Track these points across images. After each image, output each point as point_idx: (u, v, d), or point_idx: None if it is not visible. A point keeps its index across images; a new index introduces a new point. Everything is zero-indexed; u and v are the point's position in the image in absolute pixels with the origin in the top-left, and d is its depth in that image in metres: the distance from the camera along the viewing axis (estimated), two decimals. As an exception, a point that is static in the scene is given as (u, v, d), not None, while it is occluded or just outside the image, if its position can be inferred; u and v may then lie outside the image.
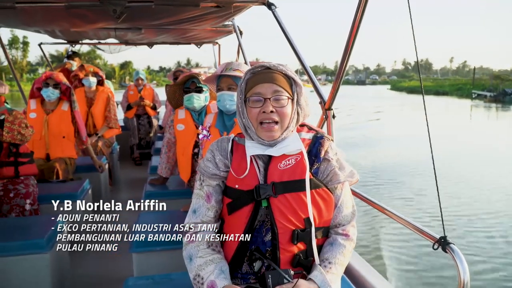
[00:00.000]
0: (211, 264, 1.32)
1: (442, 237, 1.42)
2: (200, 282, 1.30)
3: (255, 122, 1.33)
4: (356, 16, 1.98)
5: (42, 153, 3.58)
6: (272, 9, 2.97)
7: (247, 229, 1.33)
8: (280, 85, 1.32)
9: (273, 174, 1.32)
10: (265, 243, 1.34)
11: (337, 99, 2.43)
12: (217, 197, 1.40)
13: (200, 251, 1.35)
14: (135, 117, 6.22)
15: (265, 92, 1.31)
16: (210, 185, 1.41)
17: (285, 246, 1.31)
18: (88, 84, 4.85)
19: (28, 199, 2.85)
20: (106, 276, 2.76)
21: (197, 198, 1.43)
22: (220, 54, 7.03)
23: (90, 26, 4.10)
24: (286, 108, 1.32)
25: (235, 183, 1.35)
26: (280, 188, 1.31)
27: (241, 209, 1.34)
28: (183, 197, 2.88)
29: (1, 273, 2.20)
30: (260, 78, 1.33)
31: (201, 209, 1.41)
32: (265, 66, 1.35)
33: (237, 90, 1.39)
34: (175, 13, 3.43)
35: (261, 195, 1.30)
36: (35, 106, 3.67)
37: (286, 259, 1.32)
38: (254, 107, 1.32)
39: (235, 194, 1.35)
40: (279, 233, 1.30)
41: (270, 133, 1.31)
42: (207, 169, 1.40)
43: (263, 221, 1.35)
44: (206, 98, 2.96)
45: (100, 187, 3.98)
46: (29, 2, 2.81)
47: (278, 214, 1.31)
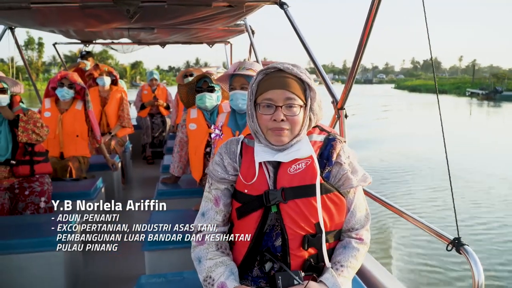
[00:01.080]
0: (221, 266, 1.31)
1: (456, 238, 1.40)
2: (211, 284, 1.30)
3: (265, 128, 1.29)
4: (369, 16, 1.97)
5: (56, 151, 3.63)
6: (284, 8, 2.96)
7: (257, 233, 1.32)
8: (293, 91, 1.27)
9: (283, 179, 1.30)
10: (275, 247, 1.32)
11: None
12: (225, 201, 1.39)
13: (209, 253, 1.35)
14: (149, 116, 6.27)
15: (277, 99, 1.26)
16: (219, 188, 1.39)
17: (295, 252, 1.29)
18: (102, 84, 4.91)
19: (43, 197, 2.89)
20: (119, 274, 2.79)
21: (206, 201, 1.42)
22: (232, 53, 7.03)
23: (104, 26, 4.14)
24: (298, 116, 1.28)
25: (244, 187, 1.33)
26: (289, 193, 1.28)
27: (250, 214, 1.33)
28: (195, 196, 2.90)
29: (16, 270, 2.23)
30: (273, 83, 1.28)
31: (209, 213, 1.39)
32: (278, 68, 1.30)
33: (247, 90, 1.35)
34: (188, 13, 3.45)
35: (271, 200, 1.28)
36: (50, 105, 3.73)
37: (297, 264, 1.30)
38: (265, 114, 1.28)
39: (244, 199, 1.34)
40: (289, 239, 1.29)
41: (279, 138, 1.28)
42: (216, 172, 1.38)
43: (273, 225, 1.33)
44: (218, 97, 2.96)
45: (113, 186, 4.02)
46: (44, 3, 2.85)
47: (288, 220, 1.28)
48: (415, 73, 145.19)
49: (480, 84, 56.33)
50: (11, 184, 2.86)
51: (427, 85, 69.21)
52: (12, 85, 2.86)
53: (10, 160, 2.81)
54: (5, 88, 2.78)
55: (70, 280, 2.42)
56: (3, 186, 2.83)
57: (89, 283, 2.68)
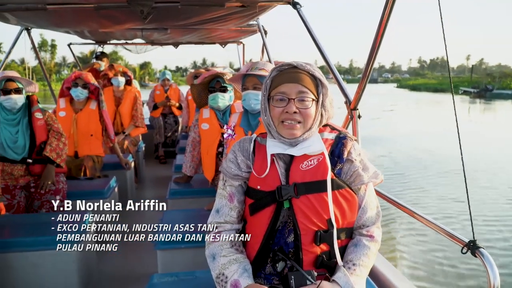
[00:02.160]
0: (235, 263, 1.32)
1: (471, 241, 1.38)
2: (224, 281, 1.31)
3: (277, 121, 1.32)
4: (383, 15, 1.95)
5: (70, 150, 3.67)
6: (297, 8, 2.95)
7: (269, 230, 1.33)
8: (305, 85, 1.30)
9: (295, 174, 1.31)
10: (288, 244, 1.33)
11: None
12: (239, 198, 1.41)
13: (223, 250, 1.36)
14: (161, 116, 6.31)
15: (289, 92, 1.30)
16: (233, 185, 1.41)
17: (307, 247, 1.30)
18: (117, 84, 4.96)
19: (58, 196, 2.93)
20: (132, 272, 2.81)
21: (220, 198, 1.44)
22: (244, 53, 7.04)
23: (118, 27, 4.18)
24: (310, 109, 1.31)
25: (257, 183, 1.35)
26: (302, 189, 1.29)
27: (263, 210, 1.34)
28: (207, 196, 2.91)
29: (31, 267, 2.27)
30: (286, 77, 1.31)
31: (224, 209, 1.41)
32: (292, 65, 1.34)
33: (262, 87, 1.38)
34: (201, 13, 3.46)
35: (283, 196, 1.30)
36: (65, 105, 3.78)
37: (309, 260, 1.31)
38: (277, 106, 1.31)
39: (257, 195, 1.35)
40: (301, 234, 1.29)
41: (291, 131, 1.30)
42: (229, 169, 1.40)
43: (285, 222, 1.34)
44: (231, 97, 2.97)
45: (126, 185, 4.05)
46: (59, 4, 2.89)
47: (300, 215, 1.29)
48: (421, 72, 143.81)
49: (477, 83, 58.21)
50: (27, 182, 2.90)
51: (427, 84, 73.93)
52: (27, 84, 2.90)
53: (27, 159, 2.86)
54: (20, 88, 2.82)
55: (84, 278, 2.45)
56: (19, 185, 2.87)
57: (102, 281, 2.71)
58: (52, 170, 2.92)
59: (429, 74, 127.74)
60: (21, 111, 2.86)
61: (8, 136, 2.81)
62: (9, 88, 2.77)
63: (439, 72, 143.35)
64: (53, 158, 2.90)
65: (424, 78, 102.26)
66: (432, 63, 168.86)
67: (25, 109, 2.89)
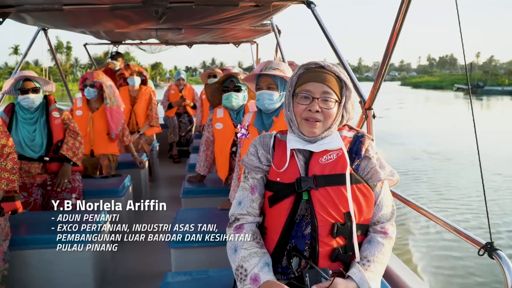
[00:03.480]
0: (255, 257, 1.33)
1: (488, 243, 1.37)
2: (244, 274, 1.32)
3: (299, 118, 1.36)
4: (399, 14, 1.93)
5: (86, 149, 3.71)
6: (312, 7, 2.94)
7: (288, 221, 1.34)
8: (330, 86, 1.34)
9: (314, 167, 1.34)
10: (305, 236, 1.34)
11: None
12: (260, 190, 1.43)
13: (245, 243, 1.37)
14: (176, 115, 6.34)
15: (314, 91, 1.33)
16: (254, 177, 1.44)
17: (324, 239, 1.31)
18: (133, 83, 5.00)
19: (74, 194, 2.98)
20: (146, 270, 2.83)
21: (242, 190, 1.46)
22: (258, 53, 7.04)
23: (133, 27, 4.22)
24: (332, 110, 1.34)
25: (276, 176, 1.38)
26: (321, 180, 1.32)
27: (282, 202, 1.36)
28: (221, 195, 2.92)
29: (47, 264, 2.30)
30: (312, 76, 1.35)
31: (245, 201, 1.43)
32: (319, 64, 1.38)
33: (287, 83, 1.43)
34: (215, 13, 3.47)
35: (302, 187, 1.32)
36: (81, 104, 3.83)
37: (325, 253, 1.32)
38: (301, 104, 1.35)
39: (276, 187, 1.37)
40: (318, 226, 1.31)
41: (312, 129, 1.34)
42: (251, 162, 1.43)
43: (303, 215, 1.35)
44: (245, 97, 2.97)
45: (140, 184, 4.09)
46: (76, 4, 2.93)
47: (319, 207, 1.31)
48: (429, 70, 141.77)
49: (477, 80, 61.39)
50: (44, 180, 2.95)
51: (429, 81, 79.00)
52: (44, 84, 2.95)
53: (44, 157, 2.90)
54: (38, 87, 2.87)
55: (99, 275, 2.47)
56: (36, 182, 2.92)
57: (117, 279, 2.73)
58: (69, 168, 2.96)
59: (437, 72, 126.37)
60: (38, 110, 2.91)
61: (26, 135, 2.86)
62: (26, 87, 2.82)
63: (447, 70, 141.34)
64: (70, 156, 2.94)
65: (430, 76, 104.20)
66: (441, 60, 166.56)
67: (42, 108, 2.93)
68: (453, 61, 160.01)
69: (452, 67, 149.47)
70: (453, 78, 74.04)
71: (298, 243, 1.35)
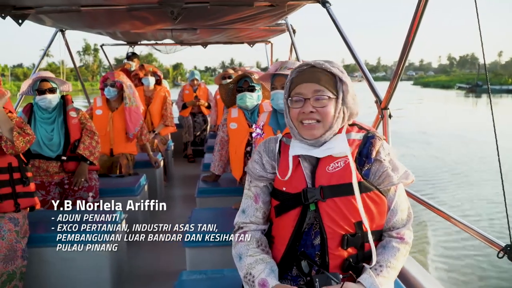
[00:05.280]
0: (261, 263, 1.32)
1: (508, 245, 1.34)
2: (251, 280, 1.31)
3: (296, 122, 1.32)
4: (416, 13, 1.90)
5: (106, 148, 3.75)
6: (327, 6, 2.92)
7: (295, 232, 1.32)
8: (322, 84, 1.29)
9: (321, 177, 1.29)
10: (314, 246, 1.31)
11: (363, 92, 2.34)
12: (264, 198, 1.40)
13: (249, 250, 1.36)
14: (190, 115, 6.38)
15: (306, 92, 1.29)
16: (258, 186, 1.41)
17: (334, 251, 1.28)
18: (147, 84, 5.04)
19: (91, 192, 3.01)
20: (161, 268, 2.86)
21: (246, 198, 1.44)
22: (273, 53, 7.03)
23: (149, 28, 4.25)
24: (328, 108, 1.29)
25: (282, 185, 1.34)
26: (328, 192, 1.27)
27: (288, 212, 1.33)
28: (235, 195, 2.92)
29: (64, 262, 2.34)
30: (303, 78, 1.31)
31: (249, 210, 1.41)
32: (310, 64, 1.33)
33: (284, 89, 1.39)
34: (230, 13, 3.48)
35: (309, 199, 1.28)
36: (101, 104, 3.88)
37: (336, 264, 1.29)
38: (295, 107, 1.31)
39: (282, 197, 1.34)
40: (328, 238, 1.27)
41: (311, 131, 1.29)
42: (254, 170, 1.40)
43: (311, 223, 1.32)
44: (259, 97, 2.97)
45: (155, 183, 4.12)
46: (93, 5, 2.96)
47: (327, 219, 1.27)
48: (449, 70, 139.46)
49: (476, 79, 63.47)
50: (61, 179, 2.99)
51: (438, 81, 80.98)
52: (61, 84, 3.00)
53: (61, 156, 2.95)
54: (54, 87, 2.91)
55: (115, 273, 2.50)
56: (54, 181, 2.97)
57: (132, 277, 2.76)
58: (85, 167, 3.00)
59: (456, 72, 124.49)
60: (56, 110, 2.96)
61: (44, 134, 2.90)
62: (43, 88, 2.87)
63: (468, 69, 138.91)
64: (86, 156, 2.98)
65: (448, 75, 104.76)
66: (462, 60, 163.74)
67: (60, 108, 2.98)
68: (474, 61, 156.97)
69: (472, 67, 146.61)
70: (465, 78, 74.56)
71: (308, 253, 1.32)
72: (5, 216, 2.22)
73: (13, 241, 2.18)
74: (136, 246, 3.04)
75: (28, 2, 2.82)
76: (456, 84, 62.06)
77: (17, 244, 2.18)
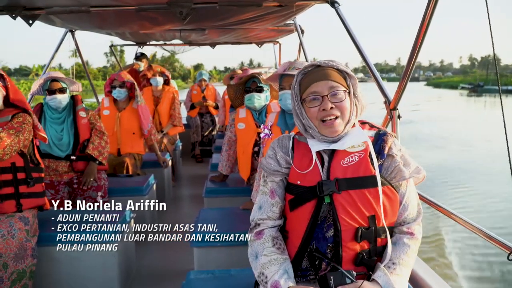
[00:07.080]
0: (275, 264, 1.32)
1: (518, 247, 1.32)
2: (264, 281, 1.31)
3: (316, 121, 1.32)
4: (426, 12, 1.89)
5: (113, 148, 3.78)
6: (336, 6, 2.91)
7: (310, 225, 1.32)
8: (335, 80, 1.31)
9: (336, 170, 1.30)
10: (327, 239, 1.31)
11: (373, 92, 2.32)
12: (280, 193, 1.41)
13: (265, 249, 1.36)
14: (198, 115, 6.41)
15: (321, 90, 1.30)
16: (274, 181, 1.42)
17: (348, 244, 1.28)
18: (156, 84, 5.07)
19: (100, 192, 3.03)
20: (169, 268, 2.87)
21: (262, 195, 1.44)
22: (281, 53, 7.02)
23: (158, 28, 4.27)
24: (345, 102, 1.31)
25: (297, 179, 1.35)
26: (343, 184, 1.29)
27: (303, 206, 1.33)
28: (243, 195, 2.92)
29: (73, 261, 2.36)
30: (314, 77, 1.32)
31: (266, 205, 1.42)
32: (315, 65, 1.35)
33: (291, 92, 1.39)
34: (238, 13, 3.48)
35: (324, 191, 1.29)
36: (109, 104, 3.91)
37: (349, 257, 1.29)
38: (313, 107, 1.31)
39: (297, 190, 1.35)
40: (342, 230, 1.28)
41: (333, 129, 1.30)
42: (269, 165, 1.41)
43: (324, 217, 1.33)
44: (267, 97, 2.97)
45: (163, 183, 4.13)
46: (102, 6, 2.98)
47: (342, 211, 1.28)
48: (468, 71, 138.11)
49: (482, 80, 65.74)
50: (71, 178, 3.02)
51: (448, 81, 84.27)
52: (71, 84, 3.03)
53: (71, 156, 2.97)
54: (64, 87, 2.94)
55: (123, 272, 2.51)
56: (63, 181, 2.99)
57: (141, 276, 2.78)
58: (94, 167, 3.02)
59: (477, 72, 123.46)
60: (66, 110, 2.99)
61: (53, 134, 2.93)
62: (53, 88, 2.90)
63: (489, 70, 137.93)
64: (95, 155, 3.00)
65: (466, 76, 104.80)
66: (483, 60, 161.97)
67: (69, 108, 3.01)
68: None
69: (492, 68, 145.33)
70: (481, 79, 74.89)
71: (320, 245, 1.32)
72: (15, 215, 2.24)
73: (23, 240, 2.20)
74: (144, 246, 3.05)
75: (38, 2, 2.85)
76: (460, 85, 65.13)
77: (27, 243, 2.20)
